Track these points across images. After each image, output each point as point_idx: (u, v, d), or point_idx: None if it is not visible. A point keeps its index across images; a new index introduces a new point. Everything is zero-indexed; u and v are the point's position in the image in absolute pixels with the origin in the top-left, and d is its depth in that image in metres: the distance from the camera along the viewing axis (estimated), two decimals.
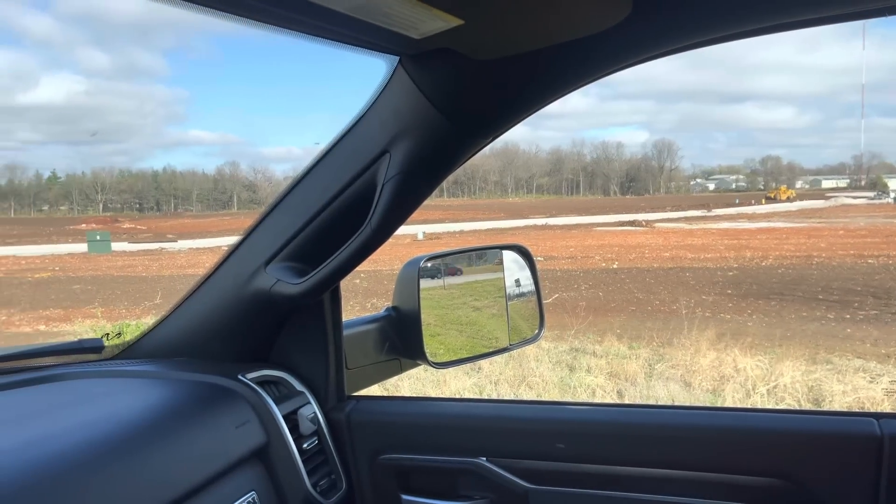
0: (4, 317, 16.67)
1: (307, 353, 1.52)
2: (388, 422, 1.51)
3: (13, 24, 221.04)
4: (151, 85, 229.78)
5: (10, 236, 55.52)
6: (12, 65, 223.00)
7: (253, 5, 0.81)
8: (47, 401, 1.26)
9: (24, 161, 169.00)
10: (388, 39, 0.98)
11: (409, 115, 1.17)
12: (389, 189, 1.22)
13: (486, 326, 1.85)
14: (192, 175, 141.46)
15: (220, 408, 1.30)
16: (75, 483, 0.97)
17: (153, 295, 17.81)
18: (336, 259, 1.32)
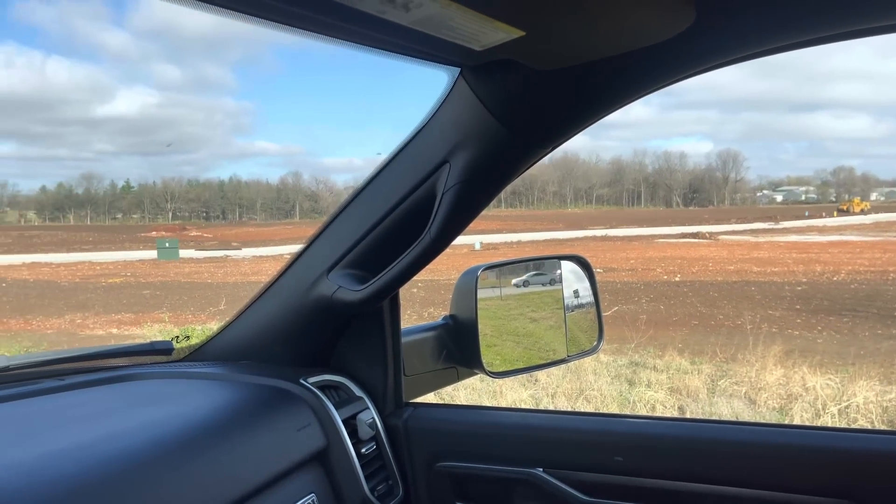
0: (80, 319, 17.45)
1: (366, 359, 1.55)
2: (446, 429, 1.52)
3: (92, 40, 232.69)
4: (220, 98, 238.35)
5: (87, 243, 58.16)
6: (91, 79, 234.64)
7: (321, 20, 0.84)
8: (121, 399, 1.32)
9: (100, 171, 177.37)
10: (450, 51, 0.99)
11: (470, 125, 1.18)
12: (449, 198, 1.23)
13: (544, 338, 1.83)
14: (256, 185, 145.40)
15: (283, 411, 1.33)
16: (145, 479, 1.01)
17: (218, 301, 18.34)
18: (396, 267, 1.34)
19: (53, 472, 0.94)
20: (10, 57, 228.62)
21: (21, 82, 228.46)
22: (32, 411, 1.22)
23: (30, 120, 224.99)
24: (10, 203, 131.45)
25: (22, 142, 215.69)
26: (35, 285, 26.11)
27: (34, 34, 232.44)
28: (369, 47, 0.96)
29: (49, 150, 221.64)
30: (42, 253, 45.43)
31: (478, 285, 1.63)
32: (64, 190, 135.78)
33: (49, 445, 1.02)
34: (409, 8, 0.78)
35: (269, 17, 0.82)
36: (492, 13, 0.83)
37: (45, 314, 18.65)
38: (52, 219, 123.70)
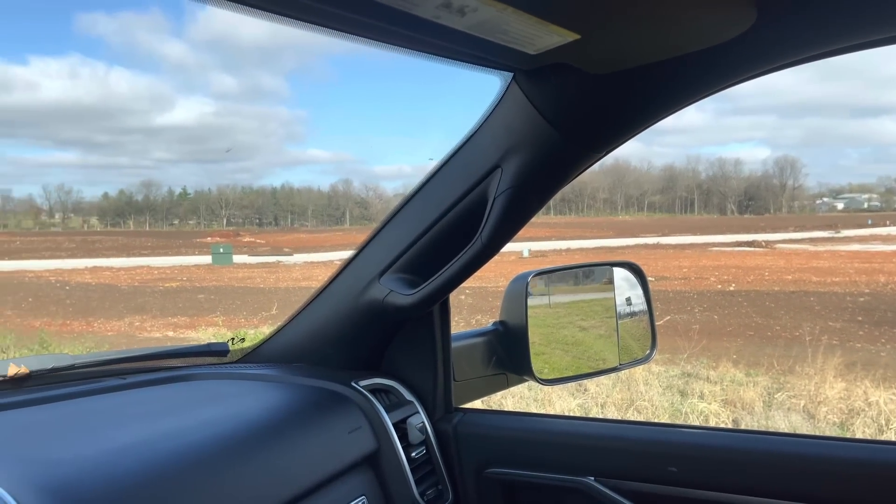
0: (138, 322, 18.01)
1: (416, 364, 1.55)
2: (495, 435, 1.51)
3: (153, 51, 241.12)
4: (274, 106, 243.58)
5: (145, 248, 60.08)
6: (151, 89, 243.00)
7: (377, 26, 0.85)
8: (179, 398, 1.36)
9: (159, 178, 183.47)
10: (503, 56, 0.99)
11: (522, 130, 1.18)
12: (500, 203, 1.23)
13: (593, 347, 1.81)
14: (307, 192, 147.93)
15: (335, 413, 1.35)
16: (201, 476, 1.04)
17: (270, 306, 18.69)
18: (446, 272, 1.34)
19: (118, 467, 0.97)
20: (76, 68, 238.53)
21: (86, 93, 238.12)
22: (97, 408, 1.26)
23: (93, 129, 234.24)
24: (74, 209, 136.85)
25: (85, 150, 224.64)
26: (97, 288, 27.10)
27: (98, 46, 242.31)
28: (423, 53, 0.96)
29: (111, 158, 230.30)
30: (104, 257, 47.12)
31: (528, 291, 1.62)
32: (124, 197, 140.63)
33: (113, 441, 1.05)
34: (465, 12, 0.78)
35: (327, 24, 0.84)
36: (547, 16, 0.83)
37: (106, 316, 19.33)
38: (114, 224, 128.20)
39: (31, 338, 12.69)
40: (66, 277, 31.64)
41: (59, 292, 25.87)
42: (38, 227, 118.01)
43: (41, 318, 18.32)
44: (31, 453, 0.98)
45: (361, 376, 1.48)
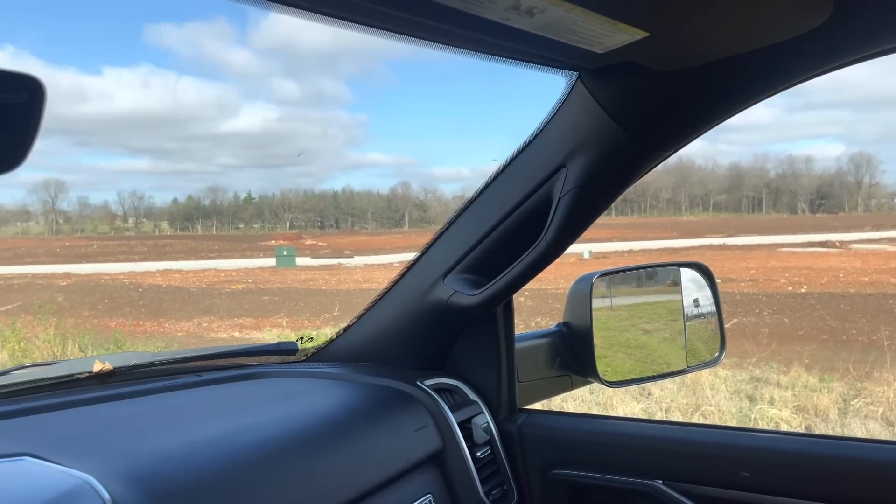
0: (206, 323, 18.61)
1: (480, 364, 1.56)
2: (561, 437, 1.51)
3: (219, 60, 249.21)
4: (335, 111, 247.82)
5: (212, 251, 62.04)
6: (218, 96, 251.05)
7: (446, 30, 0.86)
8: (253, 395, 1.41)
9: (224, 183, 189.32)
10: (570, 55, 0.99)
11: (588, 129, 1.17)
12: (566, 203, 1.23)
13: (657, 350, 1.78)
14: (367, 195, 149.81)
15: (401, 411, 1.37)
16: (275, 470, 1.07)
17: (332, 308, 19.01)
18: (511, 272, 1.35)
19: (198, 460, 1.01)
20: (147, 78, 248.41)
21: (156, 102, 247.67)
22: (176, 404, 1.32)
23: (163, 137, 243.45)
24: (146, 214, 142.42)
25: (156, 157, 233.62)
26: (167, 290, 28.13)
27: (167, 56, 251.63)
28: (490, 55, 0.97)
29: (179, 164, 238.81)
30: (173, 260, 48.87)
31: (592, 292, 1.61)
32: (193, 202, 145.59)
33: (192, 435, 1.10)
34: (534, 13, 0.79)
35: (399, 30, 0.85)
36: (615, 15, 0.83)
37: (176, 317, 20.04)
38: (182, 229, 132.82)
39: (107, 338, 13.27)
40: (139, 280, 32.95)
41: (133, 294, 26.97)
42: (112, 231, 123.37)
43: (116, 319, 19.15)
44: (118, 445, 1.03)
45: (426, 376, 1.50)
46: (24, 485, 0.83)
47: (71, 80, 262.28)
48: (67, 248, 67.20)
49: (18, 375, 1.29)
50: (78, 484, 0.84)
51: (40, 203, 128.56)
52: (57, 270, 39.66)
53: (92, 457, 0.94)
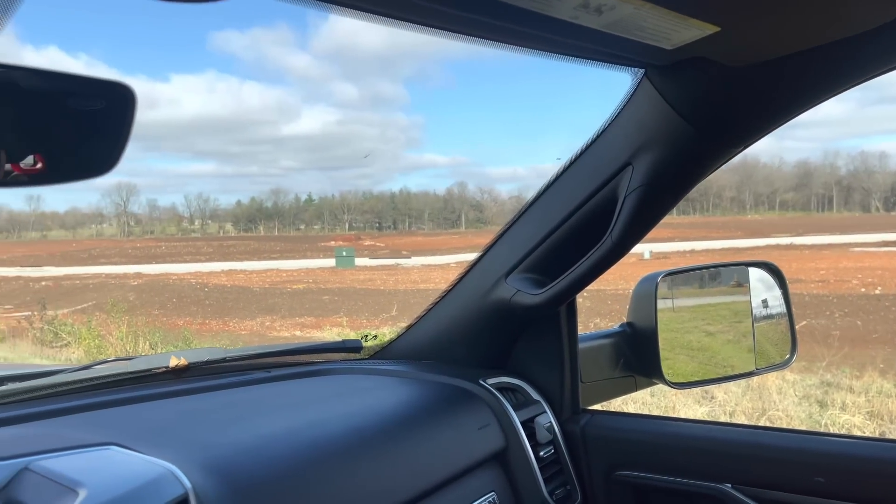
0: (268, 322, 19.09)
1: (543, 364, 1.56)
2: (625, 438, 1.49)
3: (280, 64, 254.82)
4: (393, 113, 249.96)
5: (274, 252, 63.52)
6: (279, 100, 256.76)
7: (511, 30, 0.87)
8: (320, 391, 1.44)
9: (286, 185, 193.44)
10: (637, 52, 0.99)
11: (654, 126, 1.16)
12: (632, 201, 1.21)
13: (721, 353, 1.74)
14: (424, 196, 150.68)
15: (464, 409, 1.38)
16: (342, 465, 1.10)
17: (390, 308, 19.22)
18: (575, 271, 1.34)
19: (270, 452, 1.04)
20: (212, 84, 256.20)
21: (221, 107, 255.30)
22: (247, 398, 1.36)
23: (227, 141, 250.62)
24: (211, 216, 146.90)
25: (221, 161, 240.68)
26: (232, 290, 28.97)
27: (231, 62, 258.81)
28: (556, 54, 0.97)
29: (243, 167, 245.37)
30: (237, 261, 50.28)
31: (657, 292, 1.59)
32: (255, 204, 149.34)
33: (264, 429, 1.13)
34: (602, 11, 0.79)
35: (466, 32, 0.86)
36: (686, 10, 0.82)
37: (240, 316, 20.62)
38: (246, 230, 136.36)
39: (176, 336, 13.76)
40: (205, 280, 34.03)
41: (199, 293, 27.88)
42: (180, 233, 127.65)
43: (184, 318, 19.83)
44: (195, 437, 1.08)
45: (489, 374, 1.50)
46: (113, 472, 0.87)
47: (141, 87, 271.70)
48: (138, 249, 69.94)
49: (100, 370, 1.36)
50: (162, 473, 0.88)
51: (113, 206, 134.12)
52: (129, 270, 41.32)
53: (172, 447, 0.98)
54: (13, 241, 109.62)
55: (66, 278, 36.36)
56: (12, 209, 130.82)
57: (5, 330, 15.23)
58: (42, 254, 65.11)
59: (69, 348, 12.84)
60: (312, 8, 0.75)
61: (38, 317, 15.30)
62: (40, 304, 16.66)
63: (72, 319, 15.28)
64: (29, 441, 0.92)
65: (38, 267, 47.48)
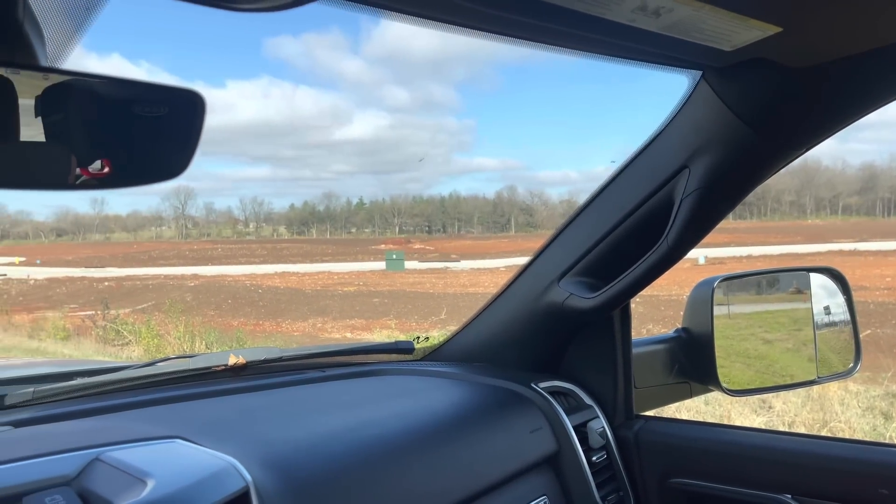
0: (320, 323, 19.37)
1: (596, 369, 1.55)
2: (680, 445, 1.47)
3: (333, 69, 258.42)
4: (444, 117, 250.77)
5: (326, 254, 64.46)
6: (332, 105, 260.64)
7: (568, 33, 0.87)
8: (373, 391, 1.46)
9: (337, 189, 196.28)
10: (695, 54, 0.97)
11: (712, 129, 1.14)
12: (688, 205, 1.20)
13: (779, 362, 1.70)
14: (473, 200, 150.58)
15: (516, 412, 1.38)
16: (397, 464, 1.11)
17: (439, 311, 19.27)
18: (630, 275, 1.33)
19: (327, 450, 1.07)
20: (267, 89, 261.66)
21: (275, 112, 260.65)
22: (303, 396, 1.39)
23: (280, 145, 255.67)
24: (265, 219, 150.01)
25: (274, 165, 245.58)
26: (284, 292, 29.51)
27: (285, 67, 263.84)
28: (612, 56, 0.97)
29: (296, 171, 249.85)
30: (290, 263, 51.20)
31: (714, 297, 1.56)
32: (308, 207, 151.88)
33: (320, 427, 1.16)
34: (661, 13, 0.78)
35: (523, 36, 0.87)
36: (747, 11, 0.81)
37: (293, 318, 20.97)
38: (299, 233, 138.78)
39: (230, 336, 14.08)
40: (259, 281, 34.75)
41: (253, 295, 28.49)
42: (235, 235, 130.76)
43: (238, 318, 20.29)
44: (255, 432, 1.11)
45: (541, 378, 1.50)
46: (179, 464, 0.91)
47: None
48: (195, 251, 71.93)
49: (163, 367, 1.41)
50: (224, 466, 0.91)
51: (172, 209, 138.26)
52: (186, 272, 42.52)
53: (233, 442, 1.01)
54: (78, 242, 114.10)
55: (127, 279, 37.65)
56: (78, 212, 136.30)
57: (70, 328, 15.85)
58: (105, 255, 67.62)
59: (130, 346, 13.28)
60: (371, 15, 0.77)
61: (101, 316, 15.89)
62: (103, 304, 17.30)
63: (132, 319, 15.79)
64: (99, 433, 0.97)
65: (102, 268, 49.36)
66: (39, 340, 14.51)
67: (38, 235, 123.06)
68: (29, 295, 29.34)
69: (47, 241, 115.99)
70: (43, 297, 27.93)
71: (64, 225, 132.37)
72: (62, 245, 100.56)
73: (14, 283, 34.93)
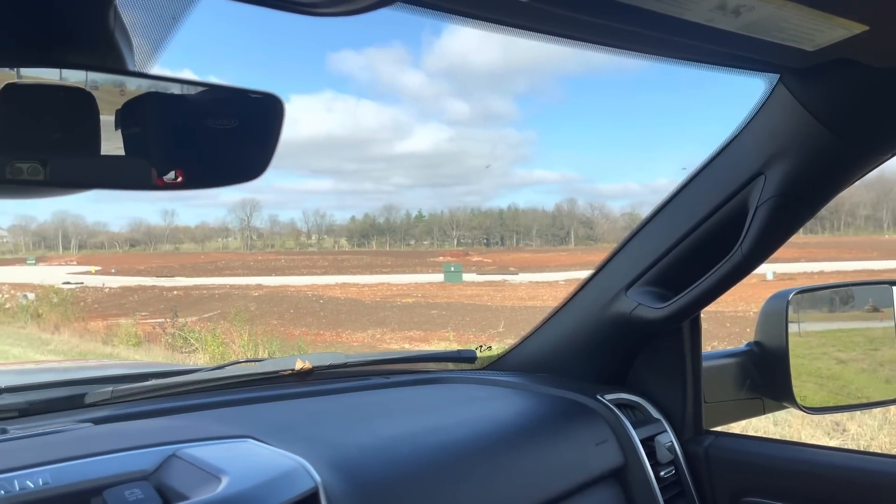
0: (379, 334, 19.54)
1: (664, 381, 1.51)
2: (754, 462, 1.41)
3: (395, 83, 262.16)
4: (503, 129, 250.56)
5: (386, 266, 65.13)
6: (393, 118, 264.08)
7: (639, 34, 0.85)
8: (437, 398, 1.46)
9: (397, 202, 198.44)
10: (774, 55, 0.95)
11: (790, 134, 1.11)
12: (764, 212, 1.16)
13: (854, 383, 1.62)
14: (532, 212, 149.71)
15: (581, 424, 1.36)
16: (462, 471, 1.11)
17: (497, 324, 19.18)
18: (701, 285, 1.29)
19: (393, 455, 1.07)
20: (330, 103, 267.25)
21: (338, 125, 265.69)
22: (368, 402, 1.41)
23: (342, 158, 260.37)
24: (327, 231, 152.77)
25: (336, 178, 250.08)
26: (345, 302, 29.93)
27: (347, 81, 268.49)
28: (685, 59, 0.95)
29: (357, 184, 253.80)
30: (350, 274, 51.94)
31: (789, 310, 1.50)
32: (368, 220, 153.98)
33: (385, 431, 1.16)
34: (740, 12, 0.76)
35: (596, 40, 0.86)
36: (832, 9, 0.78)
37: (352, 328, 21.23)
38: (359, 245, 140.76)
39: (292, 345, 14.36)
40: (320, 292, 35.36)
41: (314, 305, 29.00)
42: (298, 247, 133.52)
43: (300, 328, 20.67)
44: (322, 435, 1.12)
45: (607, 390, 1.47)
46: (252, 462, 0.93)
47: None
48: (260, 262, 73.82)
49: (232, 370, 1.45)
50: (295, 466, 0.93)
51: (238, 221, 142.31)
52: (251, 282, 43.64)
53: (302, 444, 1.03)
54: (150, 252, 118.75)
55: (194, 288, 38.91)
56: (150, 223, 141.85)
57: (141, 335, 16.45)
58: (175, 265, 70.11)
59: (196, 354, 13.70)
60: (444, 21, 0.77)
61: (169, 324, 16.45)
62: (172, 312, 17.91)
63: (199, 327, 16.29)
64: (175, 431, 1.00)
65: (171, 277, 51.18)
66: (113, 346, 15.12)
67: (114, 245, 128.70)
68: (104, 302, 30.66)
69: (121, 251, 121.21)
70: (116, 305, 29.14)
71: (137, 235, 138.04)
72: (135, 255, 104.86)
73: (90, 291, 36.55)
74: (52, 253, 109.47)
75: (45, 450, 0.87)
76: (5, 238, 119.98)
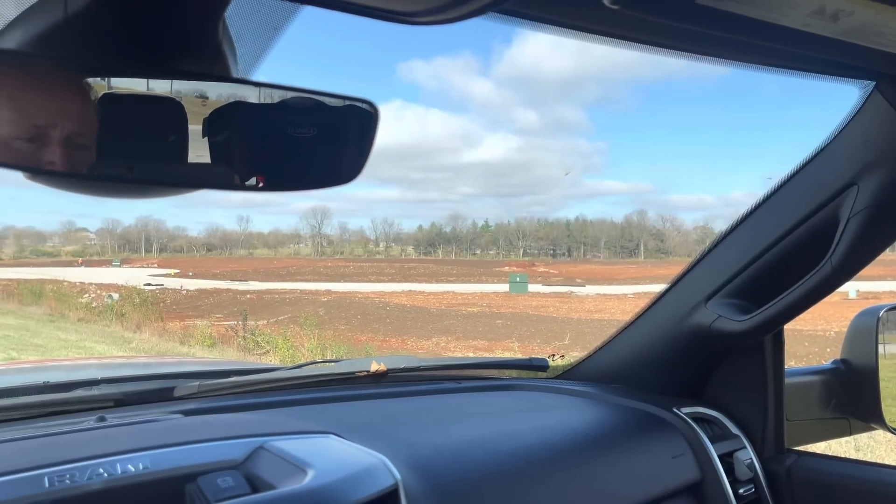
0: (443, 343, 19.60)
1: (744, 397, 1.47)
2: (840, 485, 1.36)
3: (464, 92, 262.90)
4: (573, 139, 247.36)
5: (451, 275, 65.38)
6: (461, 128, 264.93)
7: (732, 41, 0.84)
8: (509, 404, 1.47)
9: (463, 211, 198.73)
10: (870, 61, 0.92)
11: (885, 142, 1.07)
12: (856, 224, 1.12)
13: None
14: (600, 223, 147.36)
15: (657, 436, 1.34)
16: (535, 477, 1.11)
17: (562, 336, 18.95)
18: (786, 298, 1.26)
19: (467, 457, 1.09)
20: (399, 112, 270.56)
21: (407, 135, 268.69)
22: (441, 405, 1.42)
23: (409, 167, 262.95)
24: (394, 239, 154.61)
25: (403, 187, 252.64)
26: (410, 310, 30.19)
27: (416, 90, 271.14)
28: (778, 67, 0.93)
29: (423, 193, 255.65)
30: (417, 282, 52.38)
31: (879, 328, 1.44)
32: (435, 228, 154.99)
33: (460, 434, 1.18)
34: (839, 17, 0.74)
35: (689, 49, 0.86)
36: None
37: (417, 336, 21.38)
38: (425, 253, 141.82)
39: (359, 350, 14.57)
40: (387, 299, 35.78)
41: (381, 312, 29.37)
42: (366, 254, 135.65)
43: (366, 334, 20.96)
44: (399, 435, 1.14)
45: (683, 403, 1.45)
46: (335, 457, 0.96)
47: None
48: (329, 268, 75.37)
49: (310, 370, 1.49)
50: (375, 462, 0.95)
51: (309, 228, 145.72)
52: (320, 287, 44.56)
53: (381, 442, 1.06)
54: (226, 257, 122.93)
55: (266, 292, 40.02)
56: (226, 229, 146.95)
57: (216, 336, 17.02)
58: (248, 269, 72.35)
59: (268, 356, 14.07)
60: (535, 31, 0.78)
61: (241, 326, 16.97)
62: (244, 315, 18.45)
63: (270, 330, 16.73)
64: (261, 424, 1.04)
65: (245, 281, 52.83)
66: (189, 346, 15.70)
67: (192, 249, 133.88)
68: (181, 304, 31.91)
69: (199, 254, 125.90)
70: (193, 307, 30.27)
71: (213, 240, 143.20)
72: (211, 259, 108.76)
73: (169, 293, 38.12)
74: (136, 255, 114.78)
75: (141, 437, 0.92)
76: (93, 240, 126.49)
